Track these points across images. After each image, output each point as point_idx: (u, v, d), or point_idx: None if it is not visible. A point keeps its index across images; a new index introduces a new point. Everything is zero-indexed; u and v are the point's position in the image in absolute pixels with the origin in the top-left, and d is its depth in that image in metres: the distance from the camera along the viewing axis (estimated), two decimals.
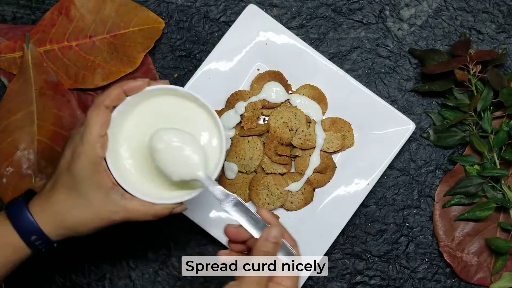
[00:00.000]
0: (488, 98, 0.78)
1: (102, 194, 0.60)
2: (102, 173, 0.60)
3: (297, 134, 0.78)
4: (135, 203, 0.61)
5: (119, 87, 0.62)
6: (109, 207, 0.61)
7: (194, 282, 0.79)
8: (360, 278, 0.80)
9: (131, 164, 0.64)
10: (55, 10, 0.79)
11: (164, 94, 0.64)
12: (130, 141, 0.64)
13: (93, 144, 0.60)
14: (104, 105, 0.61)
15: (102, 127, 0.61)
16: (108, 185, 0.60)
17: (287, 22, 0.82)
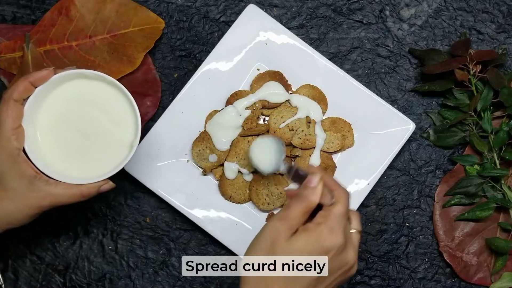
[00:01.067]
0: (488, 98, 0.78)
1: (26, 183, 0.62)
2: (22, 164, 0.62)
3: (297, 134, 0.78)
4: (60, 187, 0.63)
5: (25, 79, 0.63)
6: (35, 195, 0.62)
7: (194, 282, 0.79)
8: (360, 278, 0.80)
9: (51, 150, 0.66)
10: (55, 10, 0.79)
11: (73, 78, 0.66)
12: (49, 129, 0.66)
13: (8, 138, 0.61)
14: (13, 99, 0.62)
15: (14, 120, 0.62)
16: (30, 174, 0.62)
17: (287, 22, 0.82)
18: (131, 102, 0.65)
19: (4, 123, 0.62)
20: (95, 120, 0.66)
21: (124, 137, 0.66)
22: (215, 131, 0.77)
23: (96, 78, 0.66)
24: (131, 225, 0.80)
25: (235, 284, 0.79)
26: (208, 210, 0.77)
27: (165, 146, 0.78)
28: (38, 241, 0.79)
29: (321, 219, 0.58)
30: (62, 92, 0.66)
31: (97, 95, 0.66)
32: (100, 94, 0.66)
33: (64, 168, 0.66)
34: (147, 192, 0.78)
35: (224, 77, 0.78)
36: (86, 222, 0.80)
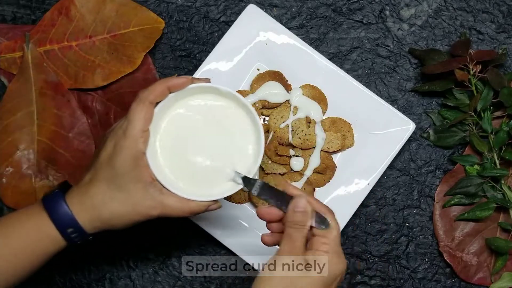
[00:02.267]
0: (488, 98, 0.78)
1: (141, 189, 0.61)
2: (142, 168, 0.61)
3: (297, 134, 0.78)
4: (172, 199, 0.62)
5: (164, 83, 0.62)
6: (147, 202, 0.61)
7: (194, 282, 0.79)
8: (360, 278, 0.80)
9: (166, 161, 0.65)
10: (55, 10, 0.79)
11: (204, 92, 0.65)
12: (167, 138, 0.65)
13: (136, 139, 0.60)
14: (149, 101, 0.61)
15: (146, 122, 0.61)
16: (147, 180, 0.61)
17: (287, 22, 0.82)
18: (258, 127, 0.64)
19: (136, 124, 0.61)
20: (216, 140, 0.65)
21: (242, 163, 0.65)
22: None
23: (228, 97, 0.65)
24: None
25: (235, 284, 0.79)
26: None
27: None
28: None
29: (325, 247, 0.59)
30: (190, 103, 0.65)
31: (224, 115, 0.65)
32: (228, 114, 0.65)
33: (178, 182, 0.64)
34: None
35: (224, 77, 0.78)
36: None
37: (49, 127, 0.78)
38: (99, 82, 0.79)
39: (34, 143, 0.78)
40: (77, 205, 0.62)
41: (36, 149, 0.78)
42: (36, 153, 0.78)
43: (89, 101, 0.80)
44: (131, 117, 0.61)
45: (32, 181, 0.77)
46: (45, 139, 0.78)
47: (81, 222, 0.62)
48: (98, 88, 0.79)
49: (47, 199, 0.63)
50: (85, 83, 0.79)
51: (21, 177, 0.77)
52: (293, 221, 0.59)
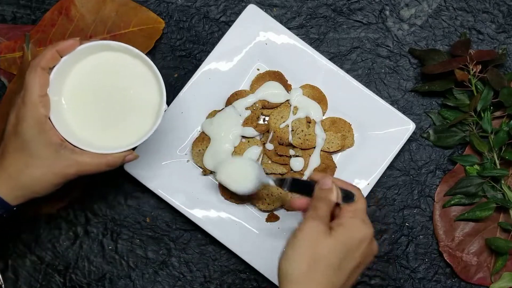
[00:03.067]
0: (488, 98, 0.78)
1: (52, 151, 0.62)
2: (49, 131, 0.62)
3: (297, 134, 0.78)
4: (86, 156, 0.64)
5: (52, 48, 0.63)
6: (61, 162, 0.63)
7: (194, 282, 0.79)
8: (360, 278, 0.80)
9: (76, 119, 0.66)
10: (55, 10, 0.79)
11: (99, 51, 0.66)
12: (75, 99, 0.66)
13: (35, 105, 0.62)
14: (40, 67, 0.62)
15: (42, 87, 0.62)
16: (56, 141, 0.62)
17: (287, 22, 0.82)
18: (156, 73, 0.66)
19: (32, 90, 0.62)
20: (120, 90, 0.67)
21: (149, 107, 0.67)
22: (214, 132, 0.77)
23: (121, 50, 0.66)
24: (131, 225, 0.80)
25: (235, 284, 0.79)
26: (208, 210, 0.77)
27: (165, 146, 0.78)
28: (38, 241, 0.79)
29: (351, 213, 0.62)
30: (87, 63, 0.67)
31: (122, 66, 0.67)
32: (125, 65, 0.67)
33: (90, 138, 0.66)
34: (147, 192, 0.78)
35: (224, 77, 0.78)
36: (86, 222, 0.80)
37: None
38: None
39: None
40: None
41: None
42: None
43: None
44: (27, 85, 0.62)
45: None
46: None
47: (2, 194, 0.63)
48: None
49: None
50: None
51: None
52: (319, 196, 0.63)
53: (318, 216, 0.60)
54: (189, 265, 0.80)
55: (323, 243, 0.59)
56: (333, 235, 0.59)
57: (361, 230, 0.61)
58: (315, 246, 0.58)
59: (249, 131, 0.77)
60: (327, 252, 0.58)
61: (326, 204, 0.62)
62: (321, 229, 0.59)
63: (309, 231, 0.59)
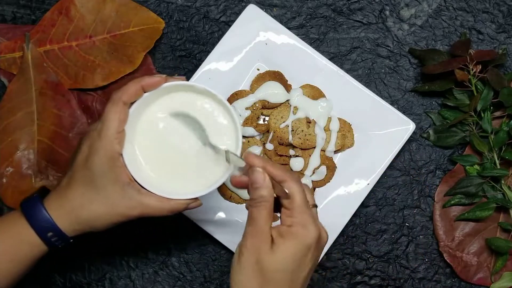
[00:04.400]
0: (488, 98, 0.78)
1: (119, 189, 0.61)
2: (119, 169, 0.61)
3: (297, 134, 0.78)
4: (151, 198, 0.62)
5: (137, 83, 0.61)
6: (126, 202, 0.61)
7: (194, 282, 0.79)
8: (360, 278, 0.80)
9: (146, 160, 0.65)
10: (55, 10, 0.79)
11: (181, 90, 0.64)
12: (145, 138, 0.65)
13: (111, 140, 0.60)
14: (122, 101, 0.61)
15: (120, 123, 0.61)
16: (125, 180, 0.61)
17: (287, 22, 0.82)
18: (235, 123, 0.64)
19: (110, 125, 0.60)
20: (195, 136, 0.65)
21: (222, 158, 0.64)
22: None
23: (204, 93, 0.64)
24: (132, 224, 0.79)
25: None
26: (208, 210, 0.77)
27: None
28: None
29: (289, 220, 0.57)
30: (166, 102, 0.64)
31: (201, 112, 0.64)
32: (206, 111, 0.65)
33: (158, 181, 0.64)
34: None
35: (224, 77, 0.78)
36: None
37: (49, 127, 0.78)
38: (99, 82, 0.79)
39: (34, 143, 0.78)
40: (56, 209, 0.62)
41: (36, 149, 0.78)
42: (36, 153, 0.78)
43: (89, 101, 0.80)
44: (105, 119, 0.60)
45: (32, 181, 0.77)
46: (45, 139, 0.78)
47: (61, 225, 0.62)
48: (98, 88, 0.79)
49: (25, 204, 0.63)
50: (85, 83, 0.79)
51: (21, 177, 0.77)
52: (253, 199, 0.57)
53: (257, 231, 0.56)
54: (189, 265, 0.80)
55: (269, 263, 0.56)
56: (275, 250, 0.56)
57: (305, 237, 0.57)
58: (261, 268, 0.56)
59: (249, 131, 0.77)
60: (274, 273, 0.56)
61: (261, 208, 0.57)
62: (263, 247, 0.56)
63: (251, 251, 0.56)
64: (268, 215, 0.57)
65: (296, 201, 0.57)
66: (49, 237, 0.62)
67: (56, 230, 0.62)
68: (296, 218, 0.57)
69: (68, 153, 0.78)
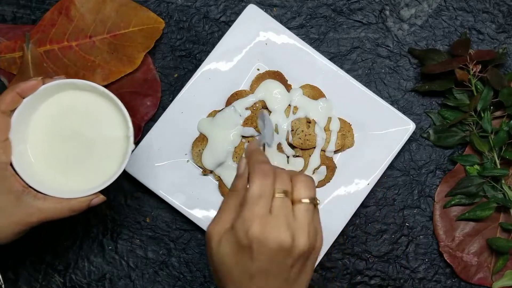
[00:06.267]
0: (488, 98, 0.78)
1: (14, 199, 0.59)
2: (9, 178, 0.59)
3: (297, 134, 0.78)
4: (49, 202, 0.61)
5: (12, 90, 0.60)
6: (22, 210, 0.60)
7: (194, 282, 0.79)
8: (360, 278, 0.80)
9: (41, 163, 0.64)
10: (55, 10, 0.79)
11: (64, 89, 0.64)
12: (38, 141, 0.64)
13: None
14: (0, 111, 0.60)
15: (2, 132, 0.60)
16: (18, 189, 0.60)
17: (287, 22, 0.82)
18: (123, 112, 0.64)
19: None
20: (86, 131, 0.65)
21: (116, 148, 0.65)
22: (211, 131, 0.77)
23: (86, 89, 0.64)
24: (131, 225, 0.80)
25: None
26: (208, 210, 0.77)
27: (165, 146, 0.78)
28: (38, 241, 0.79)
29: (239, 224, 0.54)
30: (52, 103, 0.64)
31: (88, 106, 0.65)
32: (92, 105, 0.65)
33: (54, 182, 0.64)
34: (147, 192, 0.78)
35: (224, 77, 0.78)
36: (86, 222, 0.80)
37: None
38: (99, 82, 0.79)
39: None
40: None
41: None
42: None
43: None
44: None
45: None
46: None
47: None
48: None
49: None
50: None
51: None
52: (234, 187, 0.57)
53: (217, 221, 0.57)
54: (189, 265, 0.80)
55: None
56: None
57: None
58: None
59: (249, 131, 0.77)
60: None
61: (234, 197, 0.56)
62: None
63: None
64: (237, 207, 0.55)
65: (249, 191, 0.54)
66: None
67: None
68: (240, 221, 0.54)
69: None
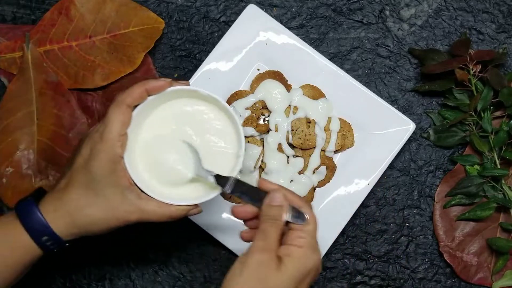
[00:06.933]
0: (488, 98, 0.78)
1: (119, 193, 0.60)
2: (120, 172, 0.60)
3: (297, 134, 0.78)
4: (151, 204, 0.61)
5: (142, 86, 0.61)
6: (125, 207, 0.60)
7: (194, 282, 0.79)
8: (360, 278, 0.80)
9: (147, 165, 0.64)
10: (55, 10, 0.79)
11: (185, 96, 0.64)
12: (147, 142, 0.64)
13: (113, 143, 0.59)
14: (126, 104, 0.60)
15: (123, 126, 0.60)
16: (125, 184, 0.60)
17: (287, 22, 0.82)
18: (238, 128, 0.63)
19: (113, 127, 0.59)
20: (197, 141, 0.64)
21: (224, 161, 0.64)
22: None
23: (208, 100, 0.64)
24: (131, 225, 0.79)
25: None
26: (208, 210, 0.77)
27: None
28: None
29: (301, 241, 0.57)
30: (169, 107, 0.64)
31: (204, 117, 0.64)
32: (208, 116, 0.64)
33: (159, 186, 0.64)
34: None
35: (224, 77, 0.79)
36: None
37: (49, 127, 0.78)
38: (99, 82, 0.79)
39: (34, 143, 0.78)
40: (52, 212, 0.60)
41: (36, 149, 0.78)
42: (36, 153, 0.78)
43: (89, 101, 0.80)
44: (108, 121, 0.60)
45: (32, 181, 0.77)
46: (45, 139, 0.78)
47: (56, 229, 0.60)
48: (98, 88, 0.79)
49: (20, 206, 0.61)
50: (85, 83, 0.79)
51: (21, 177, 0.77)
52: (268, 215, 0.58)
53: (267, 247, 0.56)
54: (189, 265, 0.80)
55: (272, 279, 0.55)
56: (282, 269, 0.55)
57: (311, 260, 0.57)
58: (264, 283, 0.55)
59: (249, 131, 0.77)
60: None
61: (276, 227, 0.57)
62: (270, 264, 0.55)
63: (257, 266, 0.55)
64: (278, 233, 0.57)
65: (310, 226, 0.58)
66: (44, 241, 0.60)
67: (51, 234, 0.60)
68: (307, 240, 0.58)
69: (68, 153, 0.78)
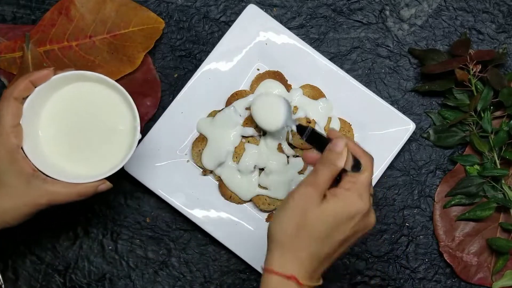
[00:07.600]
0: (488, 98, 0.78)
1: (24, 181, 0.62)
2: (20, 161, 0.62)
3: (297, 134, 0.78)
4: (58, 185, 0.63)
5: (26, 78, 0.63)
6: (32, 192, 0.63)
7: (194, 282, 0.79)
8: (360, 278, 0.80)
9: (51, 151, 0.67)
10: (55, 10, 0.79)
11: (74, 81, 0.67)
12: (49, 129, 0.67)
13: (7, 134, 0.62)
14: (13, 97, 0.62)
15: (14, 117, 0.62)
16: (28, 171, 0.62)
17: (287, 22, 0.82)
18: (130, 103, 0.66)
19: (3, 120, 0.62)
20: (95, 120, 0.67)
21: (123, 136, 0.67)
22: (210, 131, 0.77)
23: (96, 80, 0.66)
24: (131, 225, 0.80)
25: (235, 284, 0.79)
26: (208, 210, 0.77)
27: (165, 146, 0.78)
28: (38, 241, 0.79)
29: (350, 185, 0.59)
30: (63, 93, 0.67)
31: (97, 96, 0.67)
32: (100, 95, 0.67)
33: (63, 167, 0.67)
34: (147, 192, 0.78)
35: (224, 77, 0.78)
36: (86, 222, 0.80)
37: None
38: None
39: None
40: None
41: None
42: None
43: None
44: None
45: None
46: None
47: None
48: None
49: None
50: None
51: None
52: (326, 158, 0.60)
53: (314, 183, 0.59)
54: (189, 265, 0.80)
55: (312, 212, 0.57)
56: (324, 205, 0.58)
57: (355, 205, 0.58)
58: (304, 213, 0.57)
59: (249, 131, 0.77)
60: (315, 221, 0.57)
61: (329, 169, 0.59)
62: (313, 197, 0.58)
63: (300, 197, 0.58)
64: (330, 177, 0.59)
65: (365, 175, 0.60)
66: None
67: None
68: (357, 188, 0.59)
69: None
